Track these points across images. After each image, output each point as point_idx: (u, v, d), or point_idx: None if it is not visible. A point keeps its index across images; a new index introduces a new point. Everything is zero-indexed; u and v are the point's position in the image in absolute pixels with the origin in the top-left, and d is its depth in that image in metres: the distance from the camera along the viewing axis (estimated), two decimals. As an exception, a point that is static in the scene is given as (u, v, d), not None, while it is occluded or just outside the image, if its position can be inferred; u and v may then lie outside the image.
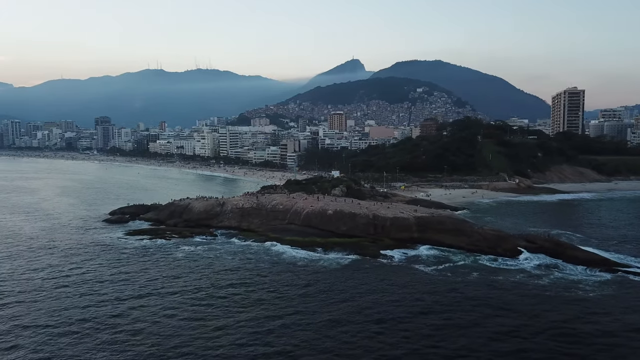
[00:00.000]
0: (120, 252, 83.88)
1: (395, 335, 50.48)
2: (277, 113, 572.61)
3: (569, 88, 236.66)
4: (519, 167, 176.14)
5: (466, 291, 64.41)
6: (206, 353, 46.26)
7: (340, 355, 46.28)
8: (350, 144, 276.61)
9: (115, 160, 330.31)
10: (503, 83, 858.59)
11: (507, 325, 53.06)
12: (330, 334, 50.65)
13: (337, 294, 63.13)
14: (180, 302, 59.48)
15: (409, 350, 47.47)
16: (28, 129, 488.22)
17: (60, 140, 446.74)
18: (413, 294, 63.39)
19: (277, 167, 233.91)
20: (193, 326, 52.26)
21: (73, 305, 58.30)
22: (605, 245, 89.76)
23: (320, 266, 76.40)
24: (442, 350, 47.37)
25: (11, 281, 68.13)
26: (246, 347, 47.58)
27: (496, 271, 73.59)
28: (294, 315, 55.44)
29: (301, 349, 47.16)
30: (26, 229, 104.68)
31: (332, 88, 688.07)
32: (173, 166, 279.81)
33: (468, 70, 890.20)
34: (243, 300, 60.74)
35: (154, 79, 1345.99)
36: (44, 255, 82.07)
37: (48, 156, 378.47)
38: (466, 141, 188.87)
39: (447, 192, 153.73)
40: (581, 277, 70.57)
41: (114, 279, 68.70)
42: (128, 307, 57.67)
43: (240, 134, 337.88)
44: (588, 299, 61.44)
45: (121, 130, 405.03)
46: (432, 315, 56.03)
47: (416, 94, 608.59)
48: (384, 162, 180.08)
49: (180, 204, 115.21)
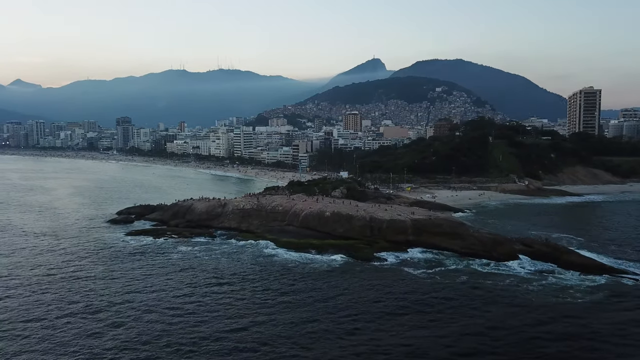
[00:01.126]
0: (117, 251, 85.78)
1: (359, 333, 52.00)
2: (294, 113, 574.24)
3: (585, 88, 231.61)
4: (530, 168, 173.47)
5: (447, 294, 64.41)
6: (170, 350, 47.83)
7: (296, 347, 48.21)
8: (363, 144, 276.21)
9: (133, 160, 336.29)
10: (525, 82, 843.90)
11: (471, 328, 53.38)
12: (296, 330, 52.41)
13: (315, 293, 64.36)
14: (157, 300, 61.33)
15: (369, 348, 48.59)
16: (52, 129, 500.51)
17: (82, 140, 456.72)
18: (393, 294, 64.08)
19: (289, 167, 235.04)
20: (163, 324, 53.72)
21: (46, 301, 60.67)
22: (606, 249, 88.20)
23: (310, 268, 76.88)
24: (404, 349, 48.64)
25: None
26: (215, 341, 49.59)
27: (486, 276, 72.91)
28: (266, 315, 56.56)
29: (267, 345, 48.93)
30: (33, 227, 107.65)
31: (351, 88, 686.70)
32: (188, 166, 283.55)
33: (489, 69, 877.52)
34: (223, 299, 61.86)
35: (176, 79, 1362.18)
36: (42, 252, 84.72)
37: (70, 156, 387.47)
38: (477, 142, 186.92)
39: (454, 193, 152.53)
40: (573, 282, 69.48)
41: (100, 276, 71.08)
42: (107, 303, 59.78)
43: (256, 134, 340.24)
44: (571, 304, 60.56)
45: (140, 131, 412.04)
46: (405, 317, 56.73)
47: (435, 93, 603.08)
48: (393, 163, 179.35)
49: (183, 205, 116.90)
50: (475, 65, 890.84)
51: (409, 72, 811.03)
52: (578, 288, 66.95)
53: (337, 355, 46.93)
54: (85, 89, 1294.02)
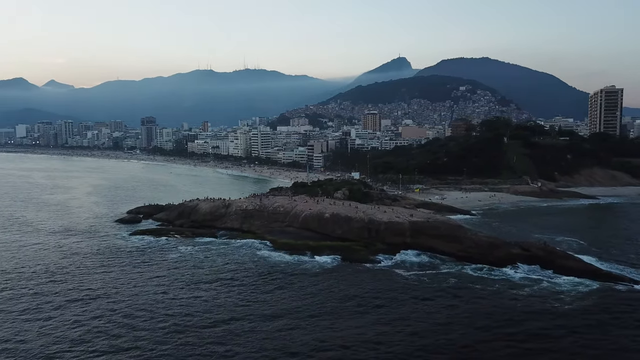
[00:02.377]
0: (117, 250, 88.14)
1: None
2: (316, 113, 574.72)
3: (607, 86, 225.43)
4: (545, 169, 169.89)
5: (428, 296, 64.78)
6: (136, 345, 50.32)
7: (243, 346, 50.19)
8: (380, 144, 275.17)
9: (155, 159, 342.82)
10: (553, 80, 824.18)
11: (432, 329, 54.33)
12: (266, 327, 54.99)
13: (292, 292, 66.60)
14: (140, 296, 64.28)
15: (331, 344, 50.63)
16: (80, 128, 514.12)
17: (108, 139, 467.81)
18: (371, 293, 66.14)
19: (304, 167, 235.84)
20: (139, 321, 56.19)
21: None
22: (608, 253, 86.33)
23: (302, 269, 77.85)
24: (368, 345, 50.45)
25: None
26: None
27: (477, 280, 72.29)
28: (242, 313, 58.68)
29: (233, 336, 52.15)
30: (44, 225, 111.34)
31: (374, 87, 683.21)
32: (207, 166, 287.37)
33: (516, 67, 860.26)
34: (195, 298, 63.90)
35: (203, 79, 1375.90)
36: (47, 248, 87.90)
37: (95, 155, 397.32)
38: (491, 142, 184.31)
39: (464, 195, 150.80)
40: (565, 288, 68.40)
41: (91, 272, 74.37)
42: (91, 297, 63.51)
43: (275, 134, 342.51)
44: (557, 311, 59.72)
45: (162, 130, 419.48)
46: (368, 316, 58.20)
47: (459, 92, 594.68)
48: (405, 164, 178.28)
49: (188, 205, 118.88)
50: (501, 63, 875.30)
51: (433, 70, 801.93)
52: (568, 294, 65.92)
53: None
54: (116, 89, 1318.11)
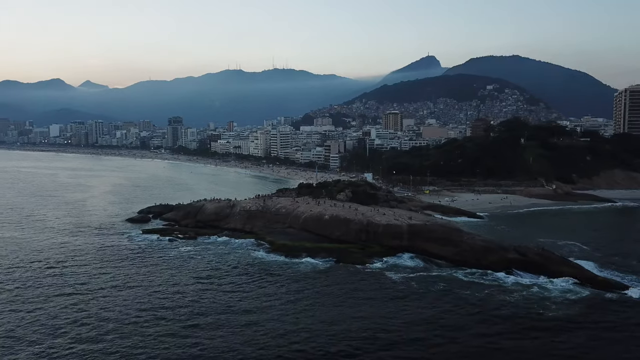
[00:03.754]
0: (119, 249, 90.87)
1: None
2: (340, 112, 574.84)
3: (631, 86, 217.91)
4: (563, 171, 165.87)
5: (407, 298, 65.27)
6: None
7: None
8: (399, 144, 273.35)
9: (179, 158, 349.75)
10: (587, 78, 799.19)
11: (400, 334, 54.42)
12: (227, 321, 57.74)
13: (274, 290, 68.57)
14: (133, 294, 66.57)
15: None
16: (109, 128, 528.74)
17: (136, 139, 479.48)
18: (350, 293, 67.79)
19: (321, 168, 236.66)
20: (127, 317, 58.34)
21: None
22: (610, 259, 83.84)
23: (292, 270, 78.98)
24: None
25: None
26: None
27: (466, 284, 71.64)
28: (216, 310, 61.04)
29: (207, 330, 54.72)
30: (57, 223, 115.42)
31: (399, 86, 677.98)
32: (228, 165, 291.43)
33: (548, 65, 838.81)
34: (184, 297, 65.67)
35: (233, 79, 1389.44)
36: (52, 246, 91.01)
37: (122, 154, 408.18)
38: (507, 143, 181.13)
39: (475, 197, 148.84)
40: (555, 294, 67.12)
41: (87, 270, 77.28)
42: (81, 294, 66.02)
43: (296, 134, 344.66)
44: (540, 318, 58.75)
45: (187, 130, 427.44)
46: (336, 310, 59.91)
47: (486, 91, 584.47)
48: (419, 165, 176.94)
49: (195, 205, 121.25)
50: (532, 61, 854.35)
51: (461, 69, 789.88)
52: (556, 300, 64.73)
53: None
54: (147, 89, 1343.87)
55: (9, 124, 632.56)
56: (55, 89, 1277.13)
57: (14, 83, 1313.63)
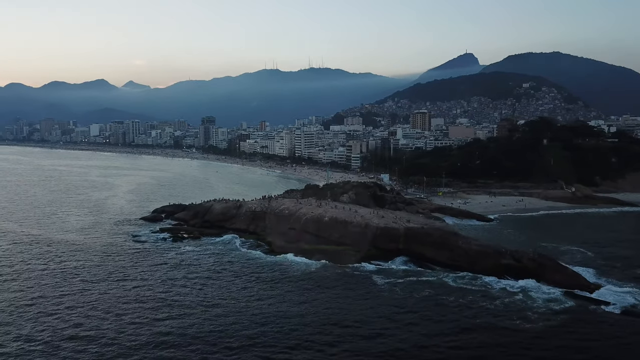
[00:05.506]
0: (122, 247, 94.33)
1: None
2: (371, 111, 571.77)
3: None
4: (585, 174, 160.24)
5: (384, 304, 65.32)
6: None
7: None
8: (424, 144, 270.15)
9: (208, 158, 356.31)
10: (633, 75, 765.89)
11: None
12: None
13: (255, 291, 70.44)
14: (110, 289, 70.81)
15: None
16: (145, 127, 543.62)
17: (170, 138, 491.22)
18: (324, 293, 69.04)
19: (342, 168, 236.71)
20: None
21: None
22: (611, 268, 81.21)
23: (283, 270, 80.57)
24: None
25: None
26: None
27: (452, 290, 70.97)
28: (204, 307, 63.77)
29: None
30: (74, 222, 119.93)
31: (433, 85, 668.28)
32: (253, 165, 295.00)
33: (590, 62, 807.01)
34: (171, 293, 68.73)
35: (269, 78, 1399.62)
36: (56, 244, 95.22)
37: (155, 153, 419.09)
38: (529, 144, 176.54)
39: (490, 199, 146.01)
40: (539, 303, 65.64)
41: (86, 266, 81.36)
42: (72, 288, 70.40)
43: (323, 133, 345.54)
44: (517, 328, 57.66)
45: (218, 130, 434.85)
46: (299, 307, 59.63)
47: (522, 89, 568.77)
48: (436, 166, 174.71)
49: (204, 206, 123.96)
50: (574, 58, 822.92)
51: (499, 67, 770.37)
52: (537, 310, 63.32)
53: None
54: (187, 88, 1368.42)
55: (53, 123, 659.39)
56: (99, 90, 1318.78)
57: (62, 84, 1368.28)
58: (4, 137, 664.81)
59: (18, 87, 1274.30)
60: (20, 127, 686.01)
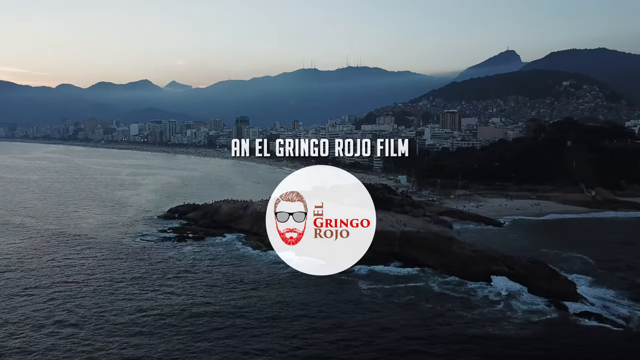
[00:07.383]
0: (126, 246, 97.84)
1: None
2: (404, 111, 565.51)
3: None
4: (610, 176, 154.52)
5: (359, 312, 65.62)
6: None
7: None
8: (451, 145, 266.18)
9: (237, 157, 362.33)
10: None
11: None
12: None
13: (239, 291, 72.98)
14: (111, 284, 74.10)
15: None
16: (182, 127, 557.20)
17: (204, 137, 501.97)
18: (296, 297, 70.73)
19: (363, 168, 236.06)
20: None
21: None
22: (612, 276, 78.35)
23: (270, 271, 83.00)
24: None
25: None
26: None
27: (434, 297, 70.09)
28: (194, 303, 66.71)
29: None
30: (92, 221, 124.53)
31: (469, 83, 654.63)
32: (279, 165, 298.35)
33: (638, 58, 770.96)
34: (158, 292, 71.04)
35: (307, 77, 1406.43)
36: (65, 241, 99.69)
37: (188, 152, 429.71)
38: (553, 146, 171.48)
39: (505, 203, 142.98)
40: (518, 314, 63.94)
41: (86, 264, 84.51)
42: (66, 283, 73.84)
43: (350, 132, 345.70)
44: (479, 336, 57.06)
45: (249, 130, 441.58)
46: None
47: (561, 87, 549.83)
48: (454, 167, 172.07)
49: (212, 206, 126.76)
50: (620, 54, 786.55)
51: (540, 64, 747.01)
52: (515, 320, 61.94)
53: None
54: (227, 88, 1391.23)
55: (96, 123, 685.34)
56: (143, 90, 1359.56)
57: (108, 84, 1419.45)
58: (52, 136, 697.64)
59: (68, 88, 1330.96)
60: (66, 126, 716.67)
